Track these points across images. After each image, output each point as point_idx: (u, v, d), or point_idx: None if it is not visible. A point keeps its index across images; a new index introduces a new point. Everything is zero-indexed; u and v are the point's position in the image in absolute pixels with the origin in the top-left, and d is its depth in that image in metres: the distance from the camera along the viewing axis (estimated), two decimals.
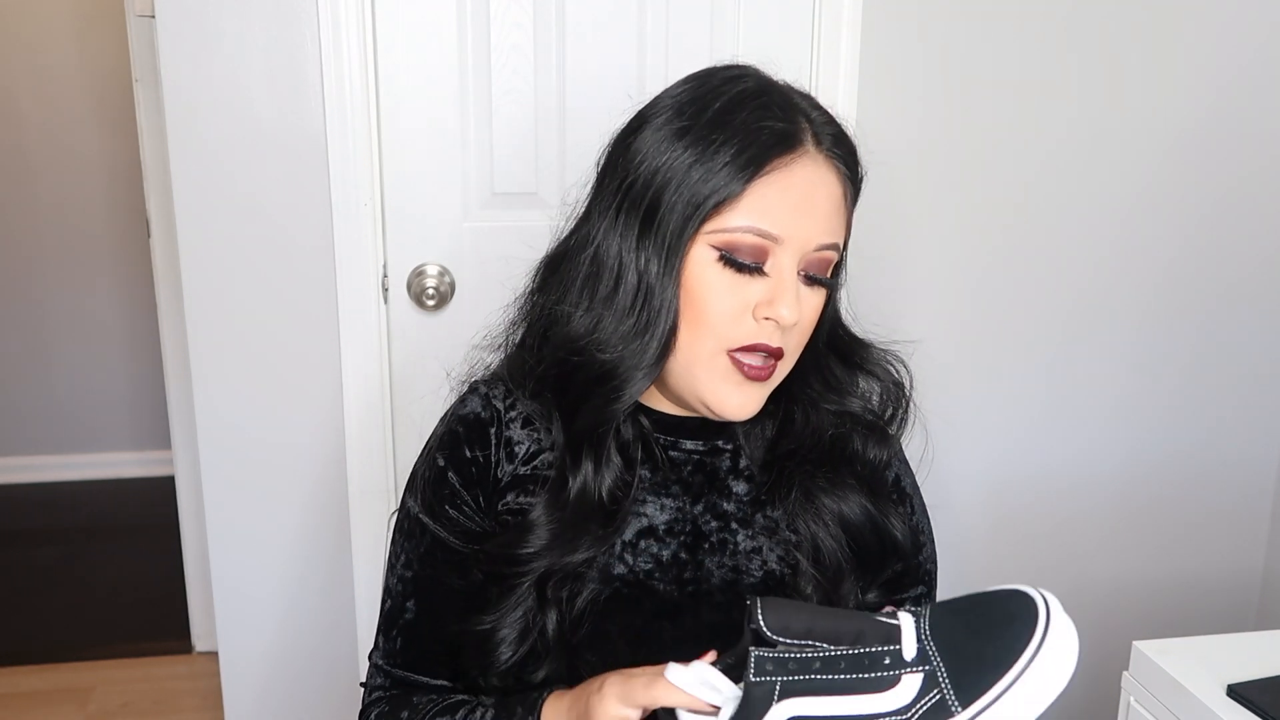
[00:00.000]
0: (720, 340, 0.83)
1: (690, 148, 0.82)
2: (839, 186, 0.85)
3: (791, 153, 0.82)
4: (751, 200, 0.81)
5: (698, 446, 0.94)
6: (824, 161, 0.84)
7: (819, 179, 0.83)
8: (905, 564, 0.95)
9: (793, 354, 0.87)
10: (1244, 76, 1.77)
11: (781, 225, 0.81)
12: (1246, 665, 1.16)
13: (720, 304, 0.82)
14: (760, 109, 0.83)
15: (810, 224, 0.83)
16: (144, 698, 2.33)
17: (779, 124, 0.82)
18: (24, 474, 3.45)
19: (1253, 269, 1.85)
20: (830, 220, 0.84)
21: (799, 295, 0.83)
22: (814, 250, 0.83)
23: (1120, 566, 1.95)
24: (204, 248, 1.59)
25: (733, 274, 0.82)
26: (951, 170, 1.73)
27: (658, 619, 0.91)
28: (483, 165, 1.63)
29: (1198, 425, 1.91)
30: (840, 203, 0.85)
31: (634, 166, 0.84)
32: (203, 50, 1.52)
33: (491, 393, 0.94)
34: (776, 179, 0.81)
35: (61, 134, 3.24)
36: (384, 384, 1.67)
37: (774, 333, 0.83)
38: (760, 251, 0.82)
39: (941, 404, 1.81)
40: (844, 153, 0.86)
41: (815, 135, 0.84)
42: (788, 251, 0.82)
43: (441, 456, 0.94)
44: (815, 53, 1.65)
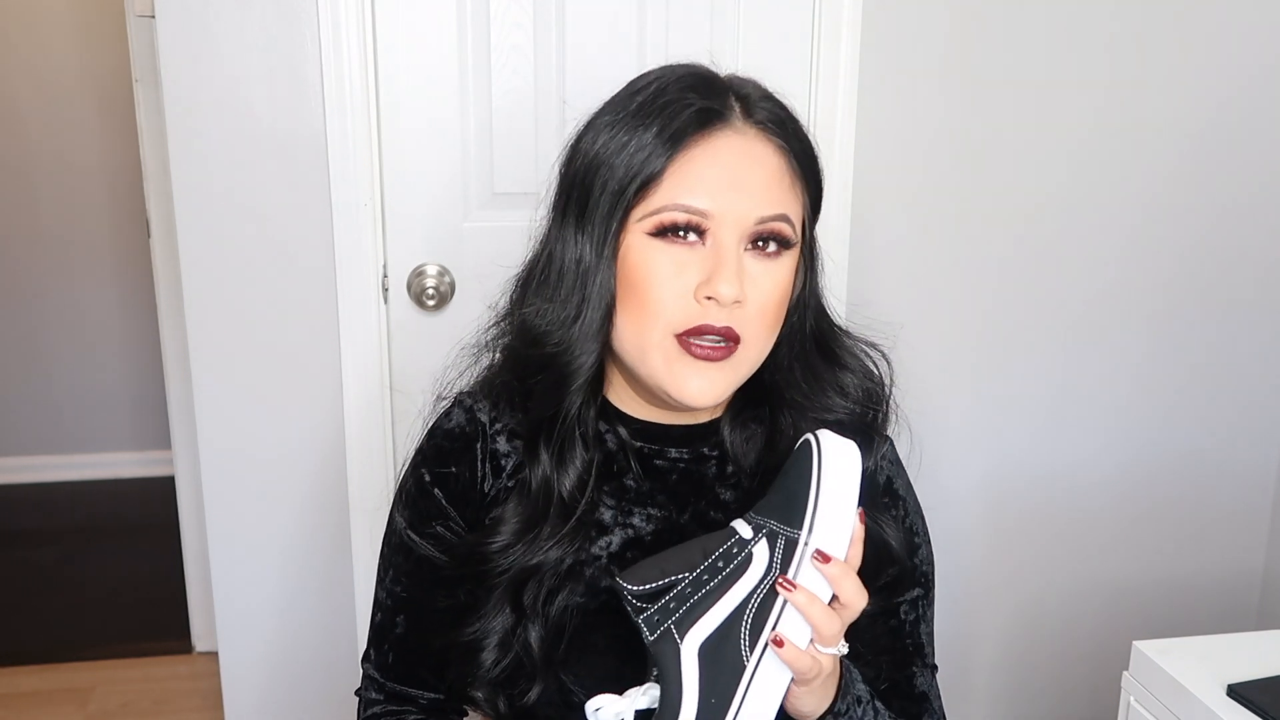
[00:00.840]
0: (667, 324, 0.82)
1: (617, 135, 0.83)
2: (776, 158, 0.84)
3: (715, 127, 0.82)
4: (675, 177, 0.81)
5: (682, 454, 0.92)
6: (755, 135, 0.83)
7: (750, 152, 0.83)
8: (900, 567, 0.94)
9: (757, 339, 0.84)
10: (1251, 81, 1.76)
11: (710, 200, 0.81)
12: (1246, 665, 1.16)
13: (662, 287, 0.82)
14: (684, 90, 0.83)
15: (743, 197, 0.81)
16: (144, 698, 2.33)
17: (701, 101, 0.82)
18: (24, 474, 3.45)
19: (1253, 271, 1.85)
20: (768, 192, 0.83)
21: (740, 272, 0.81)
22: (755, 224, 0.82)
23: (1120, 566, 1.95)
24: (204, 248, 1.59)
25: (672, 254, 0.82)
26: (953, 172, 1.73)
27: None
28: (483, 165, 1.63)
29: (1198, 426, 1.91)
30: (780, 174, 0.84)
31: (573, 166, 0.86)
32: (203, 50, 1.52)
33: (476, 405, 0.94)
34: (700, 154, 0.81)
35: (62, 135, 3.24)
36: (384, 384, 1.67)
37: (719, 313, 0.81)
38: (695, 227, 0.81)
39: (943, 405, 1.82)
40: (779, 126, 0.84)
41: (745, 110, 0.84)
42: (724, 227, 0.81)
43: (427, 472, 0.94)
44: (815, 53, 1.65)
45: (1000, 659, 1.97)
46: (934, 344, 1.79)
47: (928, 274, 1.76)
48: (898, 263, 1.75)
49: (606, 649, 0.90)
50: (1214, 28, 1.73)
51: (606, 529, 0.91)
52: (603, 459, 0.91)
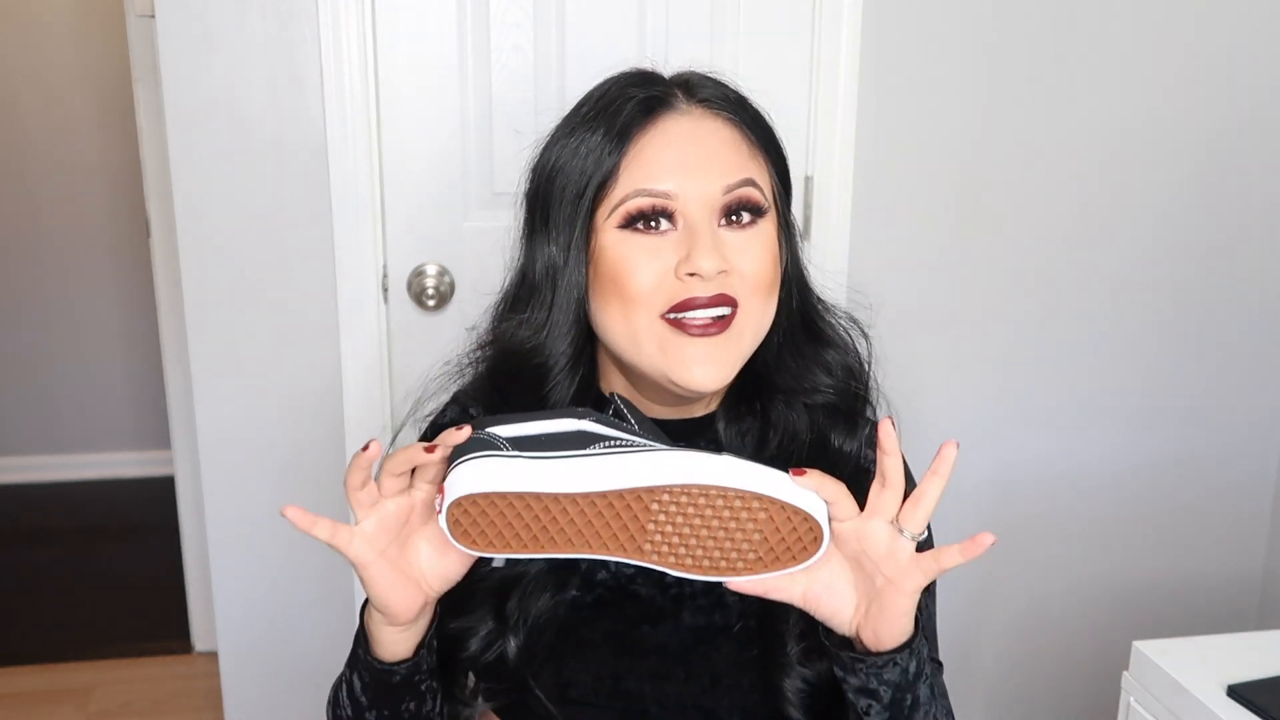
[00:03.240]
0: (651, 307, 0.82)
1: (569, 143, 0.86)
2: (728, 130, 0.85)
3: (660, 113, 0.84)
4: (631, 168, 0.83)
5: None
6: (702, 113, 0.85)
7: (700, 128, 0.84)
8: None
9: (752, 305, 0.84)
10: (1259, 84, 1.76)
11: (670, 180, 0.82)
12: (1246, 665, 1.16)
13: (640, 272, 0.82)
14: (625, 87, 0.85)
15: (703, 171, 0.82)
16: (144, 698, 2.33)
17: (643, 92, 0.84)
18: (24, 474, 3.44)
19: (1252, 270, 1.85)
20: (728, 160, 0.83)
21: (717, 244, 0.81)
22: (723, 194, 0.83)
23: (1120, 566, 1.95)
24: (204, 248, 1.59)
25: (644, 240, 0.82)
26: (954, 172, 1.73)
27: (640, 623, 0.90)
28: (483, 165, 1.63)
29: (1198, 425, 1.91)
30: (736, 143, 0.84)
31: (533, 184, 0.89)
32: (203, 50, 1.52)
33: (470, 404, 0.95)
34: (651, 140, 0.83)
35: (61, 134, 3.24)
36: (384, 384, 1.67)
37: (704, 285, 0.81)
38: (663, 210, 0.82)
39: (944, 405, 1.82)
40: (725, 102, 0.85)
41: (687, 92, 0.85)
42: (692, 205, 0.82)
43: None
44: (815, 53, 1.65)
45: (1000, 659, 1.97)
46: (935, 344, 1.79)
47: (929, 274, 1.76)
48: (899, 263, 1.75)
49: (601, 643, 0.90)
50: (1222, 30, 1.73)
51: None
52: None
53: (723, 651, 0.90)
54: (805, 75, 1.66)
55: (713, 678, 0.89)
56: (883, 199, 1.71)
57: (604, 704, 0.90)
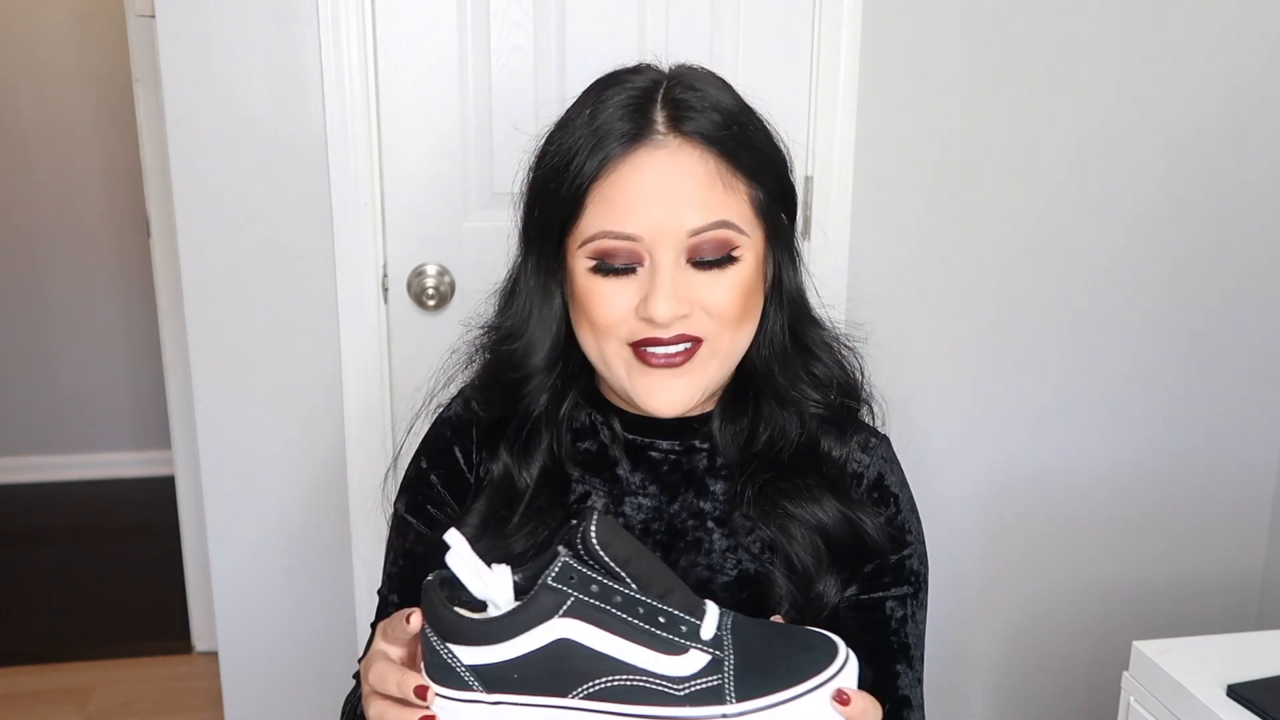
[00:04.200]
0: (619, 338, 0.84)
1: (546, 166, 0.86)
2: (702, 164, 0.81)
3: (633, 147, 0.81)
4: (598, 205, 0.82)
5: (674, 446, 0.93)
6: (678, 145, 0.82)
7: (671, 164, 0.81)
8: (883, 561, 0.93)
9: (720, 338, 0.84)
10: (1247, 81, 1.76)
11: (635, 222, 0.81)
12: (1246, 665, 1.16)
13: (603, 310, 0.83)
14: (605, 110, 0.83)
15: (671, 212, 0.80)
16: (144, 698, 2.33)
17: (623, 124, 0.82)
18: (24, 474, 3.45)
19: (1253, 270, 1.85)
20: (699, 200, 0.81)
21: (677, 287, 0.81)
22: (690, 236, 0.81)
23: (1120, 566, 1.95)
24: (204, 248, 1.59)
25: (607, 279, 0.83)
26: (952, 172, 1.72)
27: None
28: (483, 165, 1.63)
29: (1198, 425, 1.91)
30: (709, 179, 0.81)
31: (528, 185, 0.90)
32: (203, 50, 1.52)
33: (474, 397, 0.97)
34: (619, 178, 0.81)
35: (61, 134, 3.24)
36: (384, 384, 1.67)
37: (663, 329, 0.82)
38: (628, 253, 0.81)
39: (943, 404, 1.82)
40: (702, 129, 0.82)
41: (669, 121, 0.82)
42: (658, 245, 0.81)
43: (425, 459, 0.98)
44: (815, 53, 1.65)
45: (1000, 659, 1.96)
46: (933, 343, 1.79)
47: (929, 274, 1.76)
48: (898, 263, 1.75)
49: None
50: (1209, 29, 1.73)
51: None
52: (596, 450, 0.94)
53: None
54: (805, 75, 1.66)
55: None
56: (883, 199, 1.71)
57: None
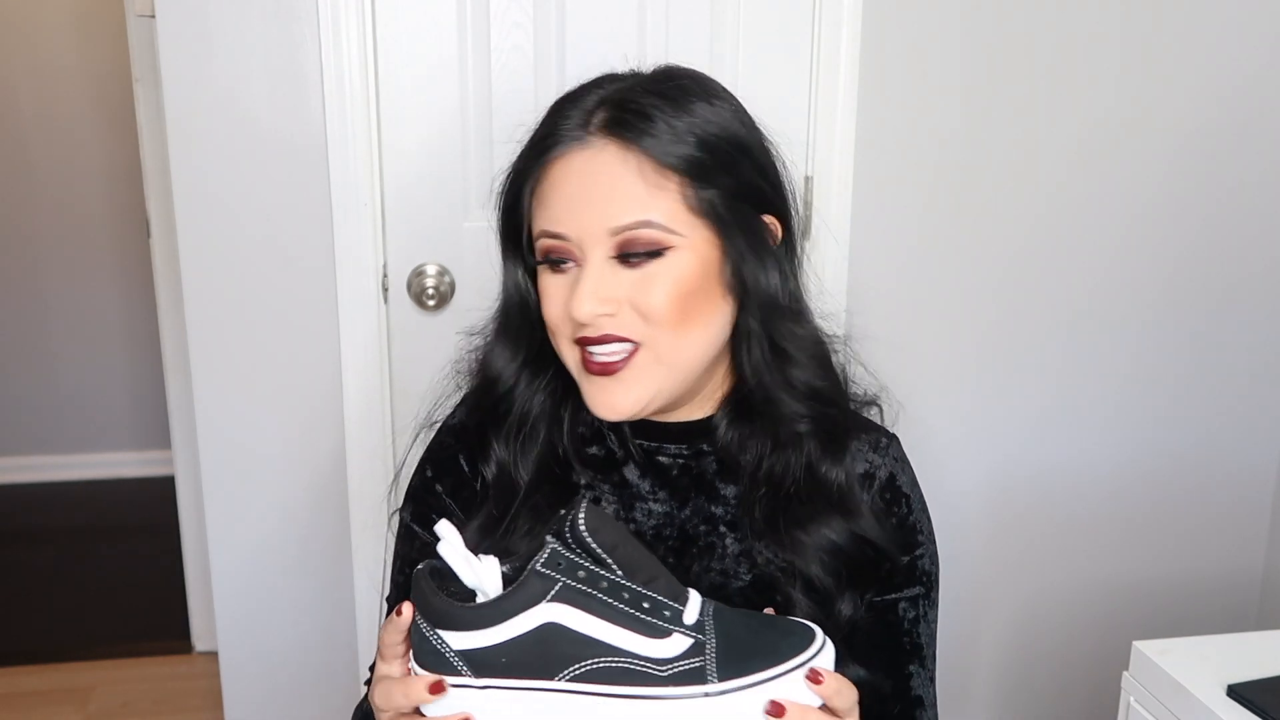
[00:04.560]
0: (563, 334, 0.86)
1: (504, 175, 0.90)
2: (623, 163, 0.82)
3: (561, 150, 0.84)
4: (538, 207, 0.85)
5: (681, 450, 0.93)
6: (602, 145, 0.82)
7: (594, 165, 0.82)
8: (895, 562, 0.93)
9: (657, 341, 0.82)
10: (1247, 81, 1.76)
11: (563, 222, 0.83)
12: (1246, 665, 1.16)
13: (548, 308, 0.86)
14: (548, 117, 0.86)
15: (593, 211, 0.82)
16: (144, 698, 2.33)
17: (553, 127, 0.85)
18: (24, 474, 3.45)
19: (1253, 270, 1.85)
20: (620, 200, 0.81)
21: (600, 286, 0.81)
22: (613, 235, 0.81)
23: (1120, 566, 1.95)
24: (204, 248, 1.59)
25: (554, 277, 0.85)
26: (952, 171, 1.72)
27: None
28: (483, 165, 1.62)
29: (1198, 426, 1.91)
30: (630, 178, 0.81)
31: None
32: (203, 50, 1.52)
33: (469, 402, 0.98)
34: (552, 180, 0.84)
35: (61, 134, 3.24)
36: (384, 384, 1.67)
37: (595, 327, 0.82)
38: (563, 251, 0.83)
39: (943, 404, 1.82)
40: (622, 127, 0.82)
41: (600, 122, 0.83)
42: (586, 245, 0.82)
43: (430, 467, 0.98)
44: (815, 53, 1.65)
45: (1000, 659, 1.97)
46: (933, 343, 1.79)
47: (927, 273, 1.76)
48: (897, 262, 1.75)
49: None
50: (1209, 29, 1.73)
51: None
52: (604, 455, 0.94)
53: None
54: (805, 75, 1.66)
55: None
56: (883, 199, 1.71)
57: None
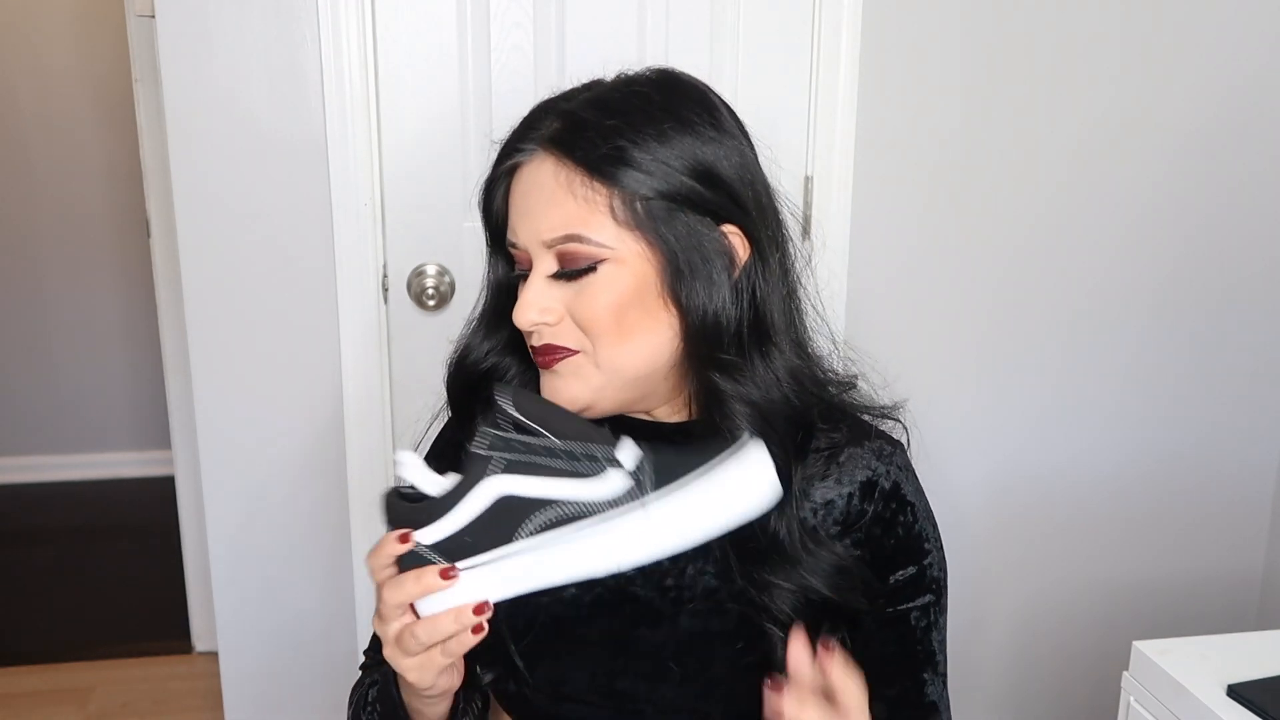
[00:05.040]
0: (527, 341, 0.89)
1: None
2: (553, 177, 0.83)
3: (515, 160, 0.86)
4: (503, 215, 0.88)
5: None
6: (542, 157, 0.84)
7: (533, 179, 0.84)
8: (903, 573, 0.93)
9: (601, 345, 0.84)
10: (1246, 81, 1.76)
11: (515, 232, 0.86)
12: (1246, 665, 1.16)
13: (514, 312, 0.88)
14: (520, 122, 0.88)
15: (529, 224, 0.84)
16: (144, 698, 2.33)
17: (513, 137, 0.87)
18: (24, 474, 3.45)
19: (1252, 270, 1.85)
20: (549, 214, 0.83)
21: (538, 297, 0.84)
22: (546, 248, 0.84)
23: (1120, 566, 1.95)
24: (204, 248, 1.59)
25: (522, 283, 0.87)
26: (953, 172, 1.73)
27: (637, 625, 0.90)
28: (483, 165, 1.61)
29: (1198, 426, 1.91)
30: (559, 191, 0.82)
31: None
32: (203, 50, 1.52)
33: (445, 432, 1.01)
34: (511, 189, 0.87)
35: (61, 134, 3.24)
36: (384, 384, 1.67)
37: (537, 335, 0.86)
38: (523, 259, 0.86)
39: (943, 405, 1.82)
40: (559, 142, 0.83)
41: (540, 134, 0.85)
42: (532, 253, 0.85)
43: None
44: (815, 53, 1.65)
45: (1000, 659, 1.97)
46: (933, 343, 1.79)
47: (927, 273, 1.76)
48: (897, 262, 1.75)
49: (597, 642, 0.90)
50: (1210, 30, 1.73)
51: None
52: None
53: (719, 656, 0.90)
54: (805, 75, 1.66)
55: (708, 682, 0.89)
56: (883, 199, 1.71)
57: (597, 702, 0.90)
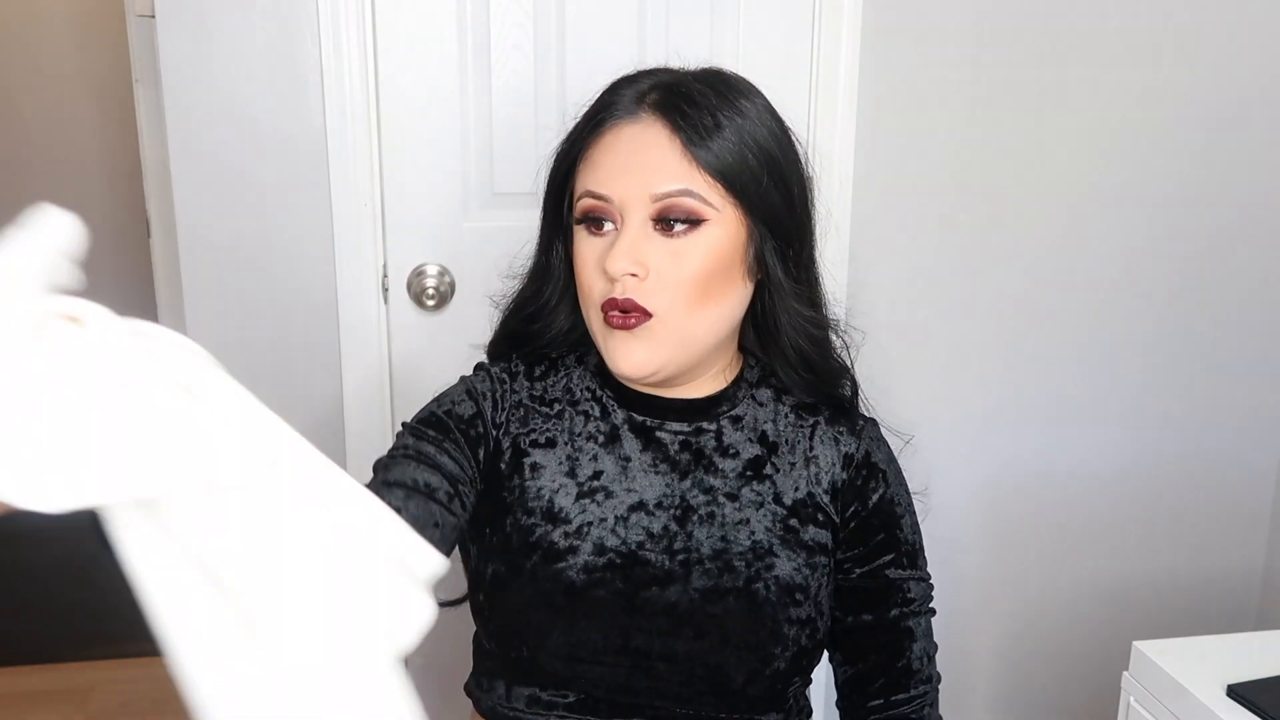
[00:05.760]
0: (592, 300, 0.92)
1: (560, 142, 0.96)
2: (669, 138, 0.89)
3: (614, 122, 0.91)
4: (585, 169, 0.92)
5: (683, 428, 0.99)
6: (650, 120, 0.90)
7: (643, 136, 0.89)
8: (874, 537, 1.00)
9: (672, 312, 0.89)
10: (1255, 85, 1.76)
11: (608, 184, 0.89)
12: (1246, 665, 1.16)
13: (584, 269, 0.92)
14: (603, 95, 0.94)
15: (638, 177, 0.88)
16: (144, 698, 2.33)
17: (604, 104, 0.92)
18: None
19: (1253, 272, 1.85)
20: (664, 169, 0.88)
21: (634, 248, 0.88)
22: (655, 200, 0.88)
23: (1120, 566, 1.95)
24: (204, 248, 1.59)
25: (590, 238, 0.92)
26: (953, 173, 1.73)
27: (649, 586, 0.94)
28: (483, 165, 1.63)
29: (1198, 426, 1.91)
30: (675, 152, 0.89)
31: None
32: (203, 50, 1.52)
33: (501, 372, 1.02)
34: (603, 146, 0.91)
35: (61, 134, 3.24)
36: (384, 384, 1.67)
37: (619, 287, 0.89)
38: (603, 210, 0.90)
39: (944, 405, 1.82)
40: (670, 109, 0.90)
41: (655, 102, 0.90)
42: (627, 208, 0.89)
43: (453, 400, 1.00)
44: (815, 53, 1.65)
45: (1000, 659, 1.97)
46: (933, 344, 1.79)
47: (929, 273, 1.76)
48: (898, 261, 1.75)
49: (611, 602, 0.94)
50: (1211, 30, 1.73)
51: (612, 494, 0.97)
52: (608, 431, 0.99)
53: (731, 611, 0.93)
54: (805, 74, 1.66)
55: (722, 636, 0.93)
56: (883, 198, 1.71)
57: (612, 661, 0.93)
